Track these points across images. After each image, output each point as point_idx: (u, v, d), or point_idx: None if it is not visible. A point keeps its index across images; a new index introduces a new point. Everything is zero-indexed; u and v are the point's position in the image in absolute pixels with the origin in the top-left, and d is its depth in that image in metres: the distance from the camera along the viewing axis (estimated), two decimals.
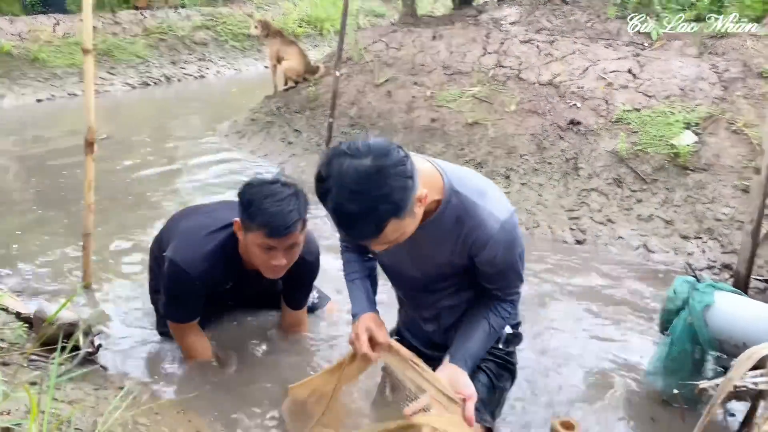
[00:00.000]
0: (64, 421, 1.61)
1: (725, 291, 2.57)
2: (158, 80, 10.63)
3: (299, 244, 2.37)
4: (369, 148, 1.49)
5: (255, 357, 2.85)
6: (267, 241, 2.26)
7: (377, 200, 1.45)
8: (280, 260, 2.32)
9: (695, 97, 4.68)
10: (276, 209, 2.22)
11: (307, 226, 2.44)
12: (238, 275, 2.60)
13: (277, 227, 2.22)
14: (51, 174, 5.54)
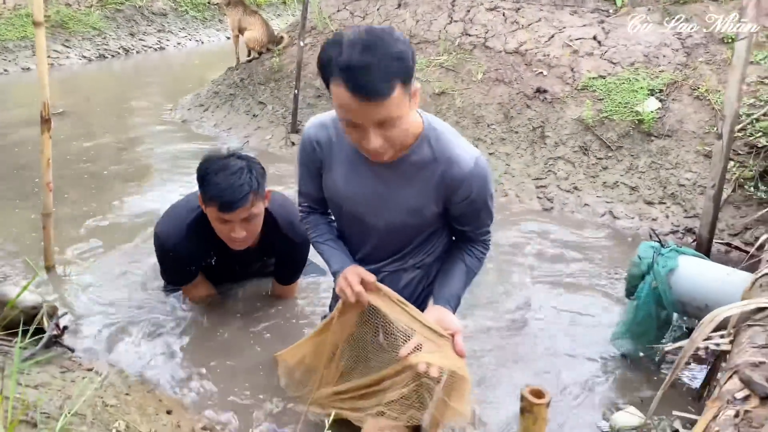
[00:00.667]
0: (30, 407, 1.57)
1: (688, 255, 2.63)
2: (116, 53, 10.31)
3: (256, 216, 2.39)
4: (372, 27, 1.52)
5: (232, 330, 2.83)
6: (220, 215, 2.31)
7: (390, 56, 1.45)
8: (238, 233, 2.36)
9: (659, 64, 4.72)
10: (226, 183, 2.26)
11: (268, 199, 2.48)
12: (218, 249, 2.63)
13: (227, 202, 2.26)
14: (5, 151, 5.35)
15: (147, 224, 3.99)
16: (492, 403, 2.41)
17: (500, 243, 3.70)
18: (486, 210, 1.89)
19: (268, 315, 2.93)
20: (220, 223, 2.36)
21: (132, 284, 3.23)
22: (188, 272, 2.78)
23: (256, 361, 2.62)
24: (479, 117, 4.95)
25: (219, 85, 6.79)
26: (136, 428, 1.90)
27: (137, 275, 3.31)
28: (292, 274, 2.93)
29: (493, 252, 3.53)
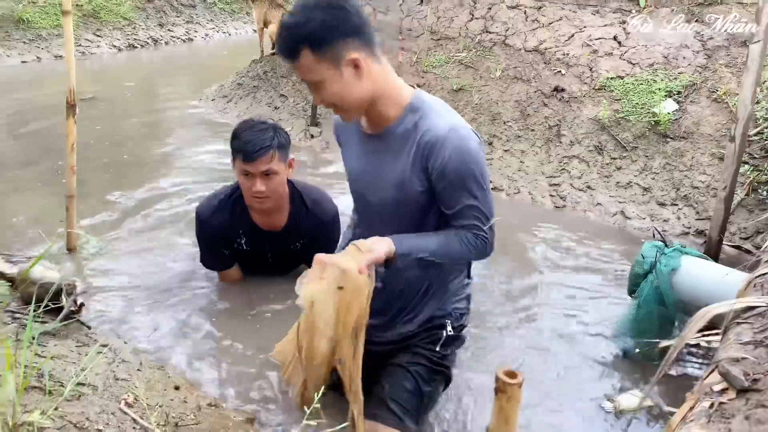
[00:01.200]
0: (42, 373, 1.67)
1: (692, 255, 2.65)
2: (145, 43, 10.52)
3: (277, 174, 2.61)
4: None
5: (248, 313, 2.93)
6: (243, 166, 2.57)
7: (301, 22, 1.56)
8: (258, 186, 2.58)
9: (678, 65, 4.70)
10: (250, 137, 2.55)
11: (292, 168, 2.74)
12: (249, 228, 2.83)
13: (249, 151, 2.53)
14: (36, 136, 5.53)
15: (167, 208, 4.13)
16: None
17: (508, 238, 3.74)
18: (466, 191, 1.72)
19: (286, 299, 2.95)
20: (244, 176, 2.61)
21: (150, 265, 3.35)
22: (223, 256, 2.97)
23: (267, 343, 2.70)
24: (496, 114, 4.99)
25: (243, 77, 6.91)
26: (144, 401, 2.00)
27: (156, 257, 3.43)
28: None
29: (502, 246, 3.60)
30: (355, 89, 1.64)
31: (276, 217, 2.81)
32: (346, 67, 1.61)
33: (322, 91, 1.65)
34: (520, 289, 3.25)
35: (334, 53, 1.59)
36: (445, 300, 1.95)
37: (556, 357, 2.70)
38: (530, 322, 2.97)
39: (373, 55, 1.66)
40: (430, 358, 1.97)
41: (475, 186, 1.72)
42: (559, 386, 2.50)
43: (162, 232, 3.77)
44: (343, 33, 1.58)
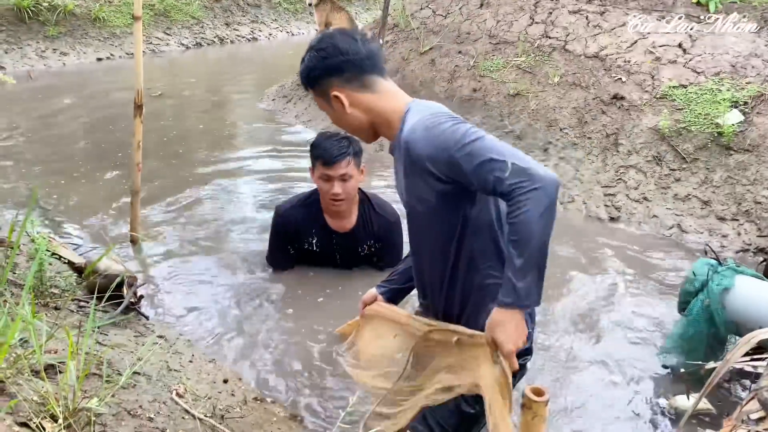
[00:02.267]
0: (102, 361, 1.79)
1: (746, 275, 2.58)
2: (212, 41, 10.86)
3: (352, 177, 2.99)
4: (329, 33, 1.84)
5: (301, 313, 3.03)
6: (323, 170, 2.95)
7: (301, 67, 1.84)
8: (336, 188, 2.96)
9: (746, 75, 4.54)
10: (330, 145, 2.95)
11: (364, 174, 3.09)
12: (320, 228, 3.16)
13: (329, 157, 2.92)
14: (106, 132, 5.82)
15: (226, 205, 4.29)
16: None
17: (561, 249, 3.71)
18: (463, 163, 1.53)
19: (344, 299, 3.04)
20: (323, 180, 2.97)
21: (209, 262, 3.50)
22: (288, 255, 3.28)
23: (318, 343, 2.79)
24: (552, 120, 4.93)
25: None
26: (193, 392, 2.11)
27: (214, 254, 3.58)
28: (392, 258, 3.18)
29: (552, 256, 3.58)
30: (346, 119, 1.82)
31: (347, 219, 3.16)
32: (334, 102, 1.80)
33: (333, 118, 1.88)
34: (570, 303, 3.23)
35: (322, 91, 1.81)
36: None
37: (597, 373, 2.68)
38: (576, 337, 2.95)
39: (363, 87, 1.78)
40: None
41: (461, 152, 1.54)
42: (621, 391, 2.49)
43: (220, 228, 3.92)
44: (323, 73, 1.78)
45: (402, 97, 1.82)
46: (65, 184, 4.53)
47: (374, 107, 1.79)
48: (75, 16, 9.38)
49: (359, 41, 1.79)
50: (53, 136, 5.69)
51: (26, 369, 1.52)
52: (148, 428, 1.64)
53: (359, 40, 1.79)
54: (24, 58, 8.45)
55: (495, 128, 5.05)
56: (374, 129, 1.84)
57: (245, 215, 4.14)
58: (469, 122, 1.71)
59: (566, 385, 2.63)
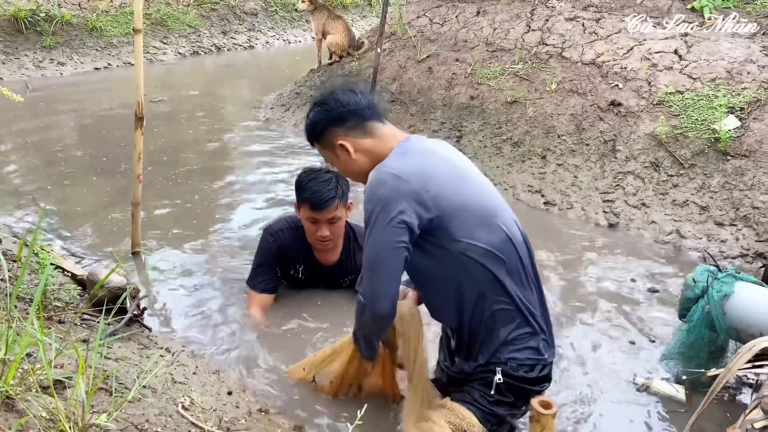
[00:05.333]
0: (109, 376, 1.80)
1: (747, 281, 2.59)
2: (209, 50, 10.88)
3: (340, 219, 2.86)
4: (329, 90, 2.00)
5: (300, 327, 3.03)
6: (311, 214, 2.81)
7: (306, 122, 2.03)
8: (324, 231, 2.84)
9: (742, 80, 4.57)
10: (317, 188, 2.78)
11: (350, 210, 2.94)
12: (307, 259, 3.05)
13: (317, 201, 2.77)
14: (105, 142, 5.83)
15: (225, 217, 4.29)
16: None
17: (560, 255, 3.73)
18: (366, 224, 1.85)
19: (339, 317, 3.04)
20: (311, 222, 2.85)
21: (208, 273, 3.50)
22: (273, 276, 3.09)
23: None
24: (550, 127, 4.96)
25: (300, 86, 7.08)
26: (199, 404, 2.11)
27: (214, 265, 3.58)
28: None
29: (553, 262, 3.59)
30: (351, 165, 1.97)
31: (333, 253, 3.05)
32: (338, 150, 1.95)
33: (335, 167, 2.06)
34: (568, 310, 3.24)
35: (327, 142, 1.97)
36: (499, 348, 1.88)
37: (598, 380, 2.69)
38: (576, 344, 2.96)
39: (365, 133, 1.94)
40: (480, 400, 1.93)
41: (365, 212, 1.84)
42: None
43: (219, 239, 3.93)
44: (328, 125, 1.95)
45: (399, 137, 1.96)
46: (64, 195, 4.54)
47: (376, 151, 1.93)
48: (72, 26, 9.40)
49: (358, 93, 1.97)
50: (51, 146, 5.70)
51: (35, 385, 1.53)
52: None
53: (358, 92, 1.97)
54: (21, 68, 8.46)
55: (493, 135, 5.08)
56: None
57: (244, 225, 4.15)
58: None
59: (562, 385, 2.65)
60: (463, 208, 1.80)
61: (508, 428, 2.02)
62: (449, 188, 1.81)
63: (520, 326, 1.87)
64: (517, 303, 1.85)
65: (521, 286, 1.87)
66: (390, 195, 1.75)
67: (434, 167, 1.85)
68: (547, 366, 1.95)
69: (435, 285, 1.94)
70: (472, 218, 1.81)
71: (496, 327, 1.86)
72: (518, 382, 1.89)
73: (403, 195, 1.74)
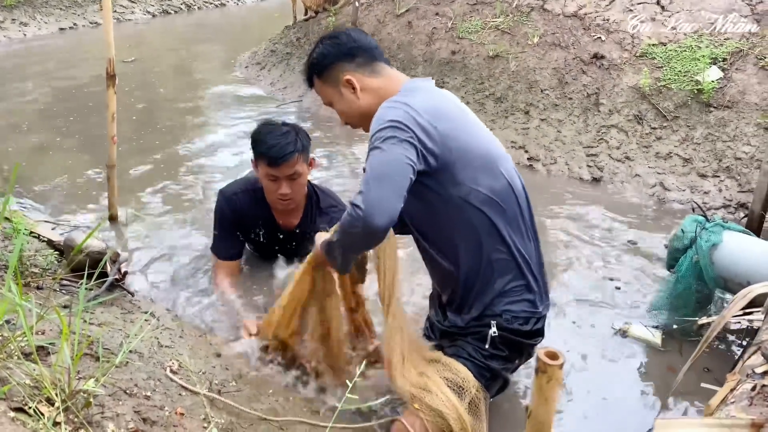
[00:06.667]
0: (93, 341, 1.74)
1: (734, 230, 2.60)
2: (179, 8, 10.53)
3: (301, 175, 2.63)
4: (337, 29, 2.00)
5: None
6: (269, 170, 2.58)
7: (311, 56, 1.96)
8: (284, 189, 2.61)
9: (725, 31, 4.53)
10: (274, 142, 2.55)
11: (313, 166, 2.72)
12: (267, 221, 2.83)
13: (275, 156, 2.54)
14: (76, 104, 5.63)
15: (203, 178, 4.19)
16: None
17: (544, 210, 3.71)
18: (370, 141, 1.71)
19: None
20: (269, 180, 2.61)
21: (189, 234, 3.42)
22: (236, 241, 2.89)
23: None
24: (533, 82, 4.89)
25: (276, 44, 6.89)
26: (187, 368, 2.06)
27: (194, 226, 3.50)
28: None
29: (541, 216, 3.58)
30: (354, 105, 1.91)
31: (293, 215, 2.83)
32: (343, 87, 1.90)
33: (335, 109, 1.98)
34: (555, 265, 3.24)
35: (333, 77, 1.91)
36: (494, 300, 1.87)
37: (586, 336, 2.70)
38: (563, 300, 2.97)
39: (372, 72, 1.91)
40: (474, 354, 1.91)
41: (372, 134, 1.72)
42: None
43: (198, 201, 3.83)
44: (336, 58, 1.90)
45: (404, 81, 1.92)
46: (35, 160, 4.39)
47: (382, 92, 1.88)
48: None
49: (367, 35, 1.95)
50: (19, 110, 5.49)
51: (16, 352, 1.46)
52: (146, 406, 1.60)
53: (367, 34, 1.96)
54: None
55: (475, 91, 5.00)
56: None
57: (220, 186, 4.04)
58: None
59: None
60: (468, 149, 1.75)
61: (502, 382, 2.01)
62: (457, 128, 1.76)
63: (516, 278, 1.85)
64: (514, 253, 1.83)
65: (519, 236, 1.84)
66: (403, 117, 1.66)
67: (444, 106, 1.81)
68: (541, 319, 1.94)
69: (433, 233, 1.90)
70: (477, 161, 1.76)
71: (494, 277, 1.84)
72: (512, 335, 1.88)
73: (415, 123, 1.66)
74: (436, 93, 1.88)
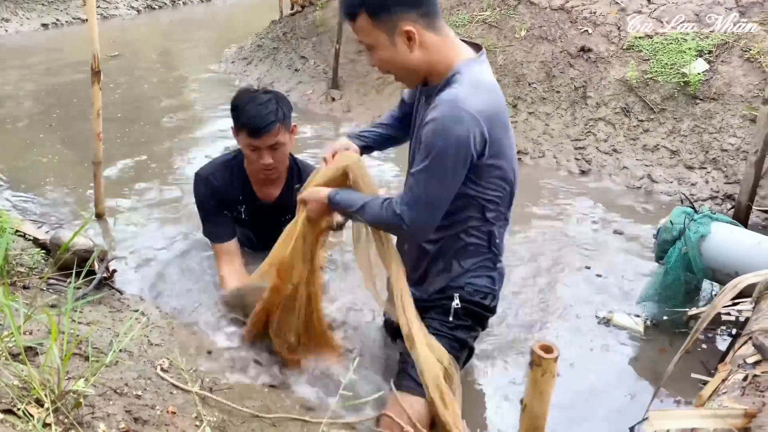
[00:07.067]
0: (82, 340, 1.72)
1: (721, 222, 2.62)
2: (163, 3, 10.42)
3: (283, 145, 2.55)
4: None
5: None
6: (250, 140, 2.49)
7: None
8: (266, 159, 2.52)
9: (710, 23, 4.55)
10: (255, 111, 2.44)
11: (294, 133, 2.64)
12: (247, 195, 2.75)
13: (256, 126, 2.44)
14: (60, 101, 5.56)
15: (188, 172, 4.14)
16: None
17: (534, 202, 3.72)
18: (419, 158, 1.69)
19: None
20: (250, 150, 2.53)
21: (178, 231, 3.39)
22: (226, 221, 2.80)
23: None
24: (520, 75, 4.90)
25: (262, 39, 6.84)
26: (178, 366, 2.05)
27: (181, 222, 3.47)
28: None
29: (529, 209, 3.58)
30: (406, 59, 1.70)
31: (274, 187, 2.77)
32: (399, 36, 1.67)
33: (374, 54, 1.75)
34: (542, 253, 3.25)
35: (390, 22, 1.65)
36: (459, 275, 1.94)
37: (574, 328, 2.71)
38: (550, 291, 2.97)
39: (432, 27, 1.69)
40: (441, 328, 1.97)
41: (426, 159, 1.67)
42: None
43: (185, 197, 3.80)
44: (401, 3, 1.64)
45: (461, 49, 1.77)
46: (19, 157, 4.33)
47: (437, 52, 1.71)
48: None
49: None
50: (0, 107, 5.41)
51: (4, 353, 1.44)
52: (137, 406, 1.58)
53: None
54: None
55: None
56: (427, 74, 1.76)
57: None
58: None
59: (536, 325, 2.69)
60: (500, 157, 1.76)
61: (468, 351, 2.08)
62: (501, 137, 1.74)
63: (485, 261, 1.94)
64: (492, 239, 1.90)
65: (501, 222, 1.90)
66: (467, 137, 1.62)
67: (500, 109, 1.76)
68: (497, 298, 2.03)
69: None
70: (501, 168, 1.78)
71: (466, 257, 1.92)
72: (474, 306, 1.96)
73: (476, 137, 1.64)
74: (495, 91, 1.78)
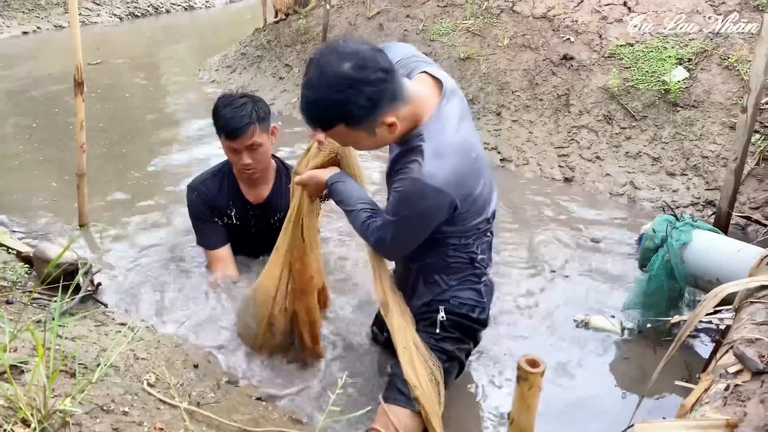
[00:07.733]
0: (69, 357, 1.70)
1: (703, 229, 2.66)
2: (146, 11, 10.38)
3: (261, 145, 2.68)
4: (355, 54, 1.56)
5: None
6: (229, 143, 2.64)
7: (332, 103, 1.58)
8: (245, 159, 2.67)
9: (689, 32, 4.63)
10: (231, 114, 2.58)
11: (275, 135, 2.78)
12: (237, 199, 2.88)
13: (232, 129, 2.59)
14: (42, 110, 5.51)
15: (174, 184, 4.13)
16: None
17: (517, 211, 3.75)
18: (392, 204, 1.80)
19: None
20: (231, 152, 2.68)
21: (162, 243, 3.37)
22: (217, 228, 2.92)
23: None
24: (504, 83, 4.94)
25: (246, 47, 6.84)
26: (165, 380, 2.04)
27: (167, 235, 3.45)
28: None
29: (513, 216, 3.61)
30: (387, 139, 1.73)
31: (262, 188, 2.90)
32: (380, 128, 1.66)
33: (355, 146, 1.83)
34: (526, 260, 3.28)
35: (371, 122, 1.64)
36: (444, 290, 2.01)
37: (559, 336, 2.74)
38: (534, 301, 3.00)
39: (404, 100, 1.67)
40: (428, 340, 2.02)
41: (395, 215, 1.80)
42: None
43: (170, 208, 3.78)
44: (379, 107, 1.60)
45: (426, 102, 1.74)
46: (4, 168, 4.28)
47: (411, 116, 1.71)
48: None
49: (379, 51, 1.62)
50: None
51: None
52: (124, 423, 1.57)
53: (377, 49, 1.63)
54: None
55: None
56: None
57: None
58: None
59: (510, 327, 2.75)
60: (473, 203, 1.82)
61: (459, 365, 2.12)
62: (473, 187, 1.80)
63: (470, 276, 2.00)
64: (473, 257, 1.96)
65: (482, 240, 1.96)
66: (432, 210, 1.74)
67: (467, 166, 1.75)
68: (486, 310, 2.08)
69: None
70: (475, 211, 1.85)
71: (449, 273, 1.98)
72: (461, 318, 2.01)
73: (443, 207, 1.74)
74: (462, 149, 1.74)
